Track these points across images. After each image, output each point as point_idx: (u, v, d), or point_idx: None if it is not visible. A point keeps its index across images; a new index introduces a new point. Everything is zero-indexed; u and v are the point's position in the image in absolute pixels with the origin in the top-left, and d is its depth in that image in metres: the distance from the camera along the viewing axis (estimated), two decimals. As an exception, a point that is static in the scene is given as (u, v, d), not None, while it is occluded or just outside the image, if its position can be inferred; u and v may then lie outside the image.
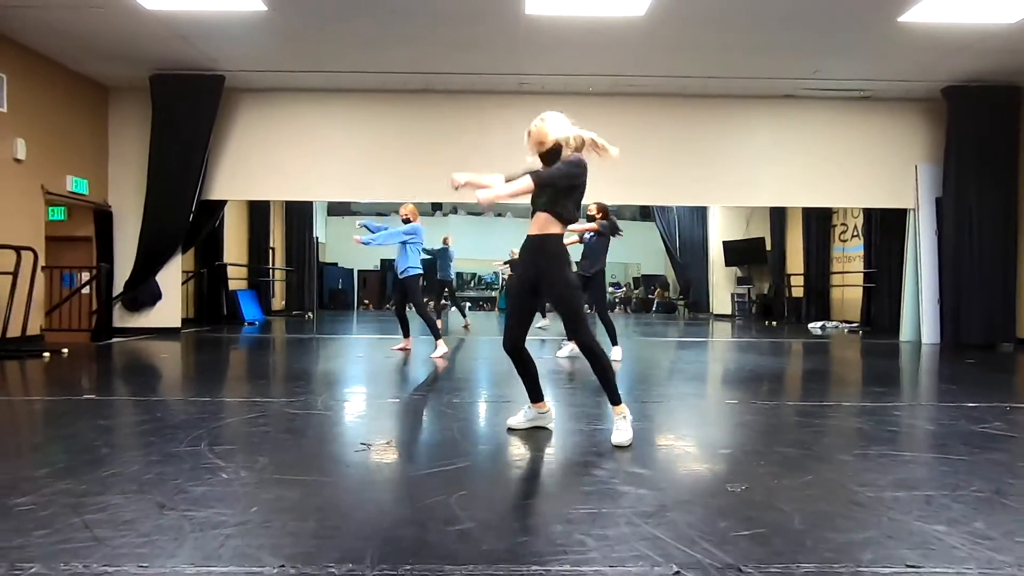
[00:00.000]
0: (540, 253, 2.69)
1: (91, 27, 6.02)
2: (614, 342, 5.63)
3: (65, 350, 5.89)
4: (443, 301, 10.50)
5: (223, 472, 2.26)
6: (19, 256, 5.93)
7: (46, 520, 1.79)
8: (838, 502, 2.02)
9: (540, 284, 2.71)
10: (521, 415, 2.91)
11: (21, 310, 6.08)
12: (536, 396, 2.86)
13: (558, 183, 2.62)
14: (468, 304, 14.18)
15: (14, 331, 6.07)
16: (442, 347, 5.81)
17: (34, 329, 6.51)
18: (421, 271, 6.00)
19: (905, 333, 8.06)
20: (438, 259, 9.54)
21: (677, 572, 1.51)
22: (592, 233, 5.67)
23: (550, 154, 2.71)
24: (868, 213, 9.94)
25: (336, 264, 17.19)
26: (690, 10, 5.56)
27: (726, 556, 1.59)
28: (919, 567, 1.54)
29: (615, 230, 5.76)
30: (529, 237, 2.75)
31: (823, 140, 7.99)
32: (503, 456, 2.57)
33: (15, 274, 5.89)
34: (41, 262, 6.55)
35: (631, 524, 1.80)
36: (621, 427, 2.67)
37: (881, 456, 2.60)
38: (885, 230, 9.25)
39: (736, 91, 7.74)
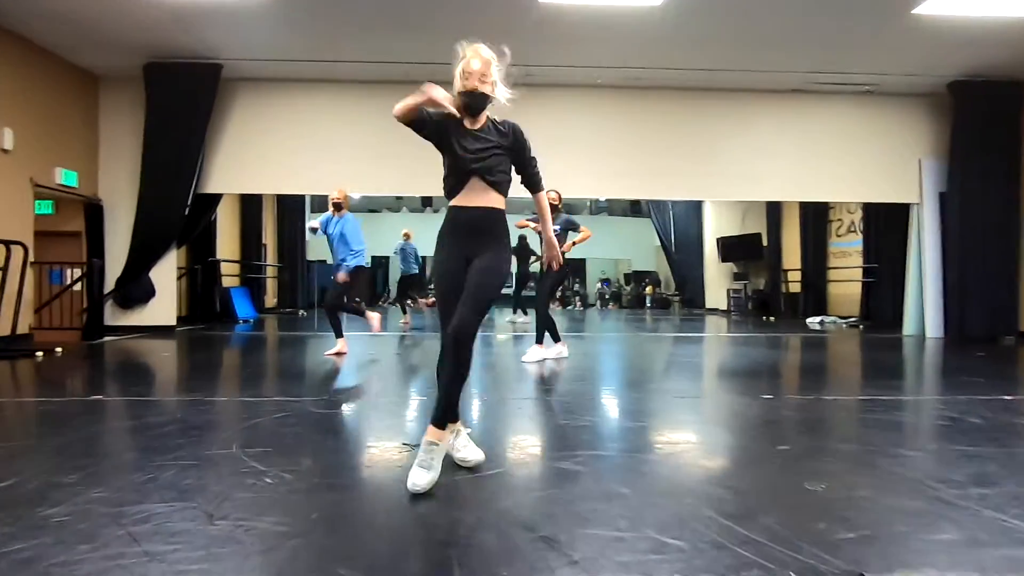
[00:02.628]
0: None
1: (83, 12, 5.75)
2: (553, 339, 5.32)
3: (59, 349, 5.63)
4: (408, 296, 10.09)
5: (266, 477, 2.11)
6: (8, 251, 5.66)
7: (88, 533, 1.63)
8: (925, 500, 1.93)
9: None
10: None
11: (10, 308, 5.81)
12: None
13: None
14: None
15: (3, 330, 5.79)
16: (341, 345, 5.41)
17: (24, 328, 6.23)
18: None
19: (908, 327, 8.10)
20: (400, 255, 9.56)
21: (796, 580, 1.40)
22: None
23: (481, 99, 2.17)
24: (867, 208, 9.99)
25: (325, 262, 16.84)
26: (704, 1, 5.47)
27: (841, 562, 1.49)
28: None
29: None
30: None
31: (827, 135, 7.98)
32: (560, 455, 2.45)
33: (4, 270, 5.61)
34: (30, 258, 6.27)
35: (722, 528, 1.69)
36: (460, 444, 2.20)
37: (944, 451, 2.53)
38: (887, 225, 9.29)
39: (743, 85, 7.69)
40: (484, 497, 1.96)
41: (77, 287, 7.16)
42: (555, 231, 5.53)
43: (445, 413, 2.08)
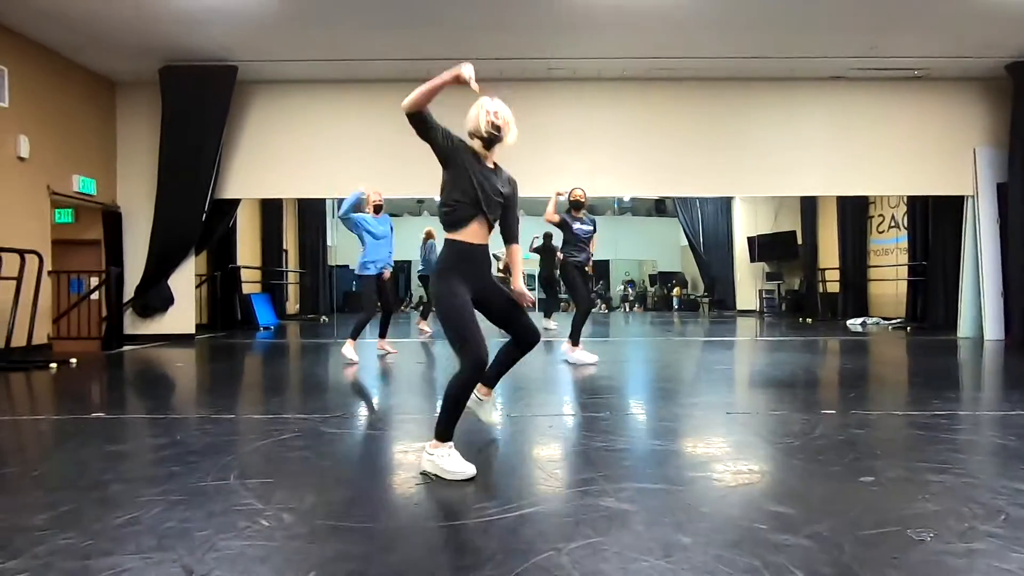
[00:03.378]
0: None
1: (98, 16, 5.63)
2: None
3: (73, 360, 5.48)
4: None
5: (262, 518, 1.82)
6: (23, 260, 5.54)
7: (40, 598, 1.35)
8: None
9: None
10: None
11: (26, 318, 5.69)
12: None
13: None
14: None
15: (19, 340, 5.68)
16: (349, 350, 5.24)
17: (40, 338, 6.12)
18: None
19: (964, 328, 7.53)
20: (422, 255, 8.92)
21: None
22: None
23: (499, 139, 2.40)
24: (913, 202, 9.39)
25: (347, 267, 16.69)
26: (744, -20, 5.09)
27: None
28: None
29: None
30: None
31: (872, 124, 7.48)
32: (602, 488, 2.11)
33: (19, 280, 5.50)
34: (47, 266, 6.17)
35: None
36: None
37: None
38: (937, 219, 8.70)
39: (779, 73, 7.25)
40: (519, 547, 1.64)
41: (96, 296, 7.06)
42: (588, 231, 5.26)
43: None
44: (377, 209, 5.68)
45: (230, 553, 1.58)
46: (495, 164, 2.43)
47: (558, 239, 5.67)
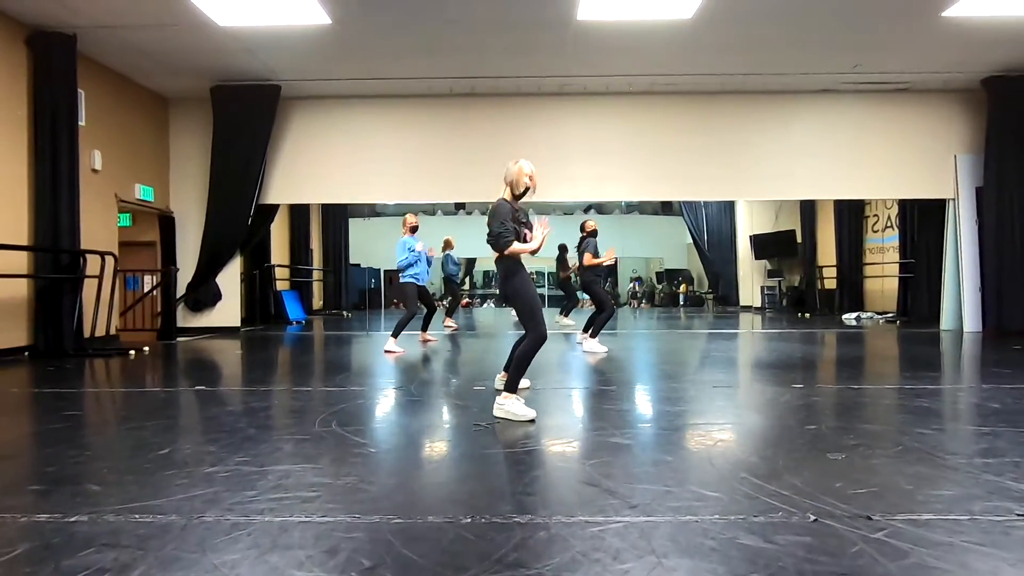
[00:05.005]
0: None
1: (163, 44, 6.38)
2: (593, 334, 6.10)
3: (147, 348, 6.27)
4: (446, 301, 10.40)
5: (365, 449, 2.55)
6: (103, 261, 6.33)
7: (248, 483, 2.08)
8: (932, 467, 2.24)
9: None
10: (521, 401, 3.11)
11: (103, 312, 6.48)
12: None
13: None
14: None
15: (99, 331, 6.47)
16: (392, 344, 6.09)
17: (111, 330, 6.91)
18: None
19: (946, 322, 8.16)
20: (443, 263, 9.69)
21: (815, 520, 1.75)
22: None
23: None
24: (904, 204, 10.01)
25: (359, 265, 17.37)
26: (737, 9, 5.75)
27: (853, 507, 1.83)
28: (1025, 515, 1.77)
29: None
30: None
31: (860, 132, 8.12)
32: (610, 431, 2.82)
33: (100, 277, 6.28)
34: (117, 266, 6.96)
35: (754, 485, 2.04)
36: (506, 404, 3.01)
37: (959, 430, 2.80)
38: (922, 221, 9.32)
39: (774, 87, 7.90)
40: (554, 462, 2.36)
41: (153, 292, 7.86)
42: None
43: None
44: (413, 230, 6.67)
45: (356, 464, 2.31)
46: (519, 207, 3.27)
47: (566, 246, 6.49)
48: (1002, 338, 6.99)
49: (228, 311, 8.28)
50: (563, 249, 10.42)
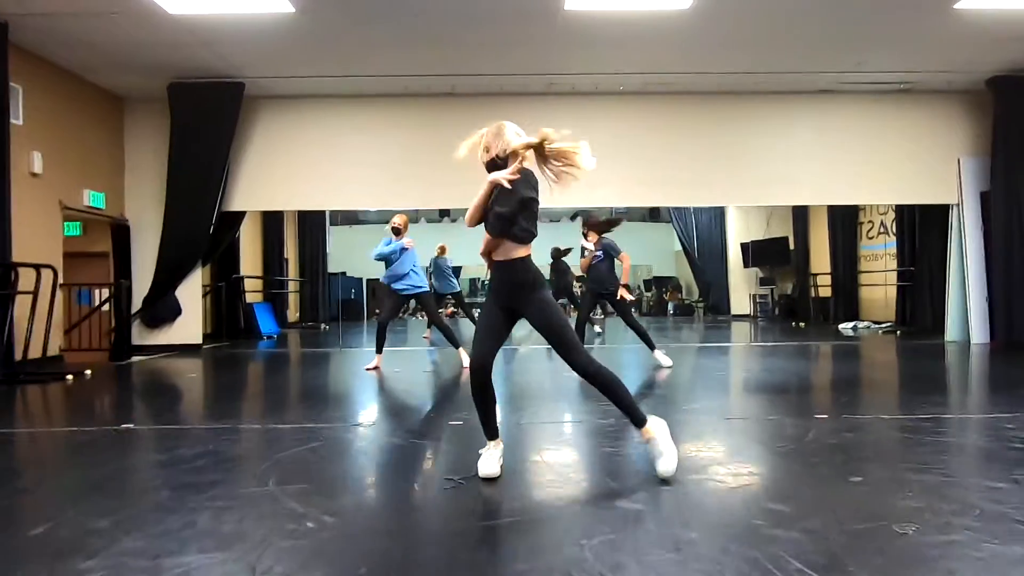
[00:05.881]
0: (514, 284, 2.44)
1: (109, 35, 5.78)
2: (651, 347, 5.68)
3: (88, 372, 5.62)
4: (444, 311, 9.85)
5: (307, 520, 1.99)
6: (39, 274, 5.68)
7: (125, 593, 1.52)
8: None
9: (520, 312, 2.47)
10: (493, 459, 2.45)
11: (40, 330, 5.83)
12: (493, 431, 2.48)
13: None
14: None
15: (35, 352, 5.81)
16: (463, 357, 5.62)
17: (52, 350, 6.25)
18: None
19: (951, 333, 7.78)
20: (434, 271, 8.97)
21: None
22: (600, 255, 5.64)
23: (492, 164, 2.54)
24: (900, 209, 9.68)
25: (344, 274, 16.80)
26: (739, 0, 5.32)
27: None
28: None
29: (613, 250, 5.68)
30: (497, 263, 2.47)
31: (860, 135, 7.73)
32: (615, 490, 2.30)
33: (35, 293, 5.63)
34: (60, 280, 6.30)
35: (813, 582, 1.52)
36: (658, 449, 2.36)
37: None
38: (922, 226, 8.97)
39: (772, 87, 7.49)
40: (547, 543, 1.82)
41: (105, 307, 7.20)
42: (598, 257, 5.55)
43: (636, 414, 2.50)
44: (397, 232, 5.91)
45: (286, 550, 1.75)
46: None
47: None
48: (1013, 350, 6.60)
49: (189, 327, 7.62)
50: (562, 253, 9.95)
